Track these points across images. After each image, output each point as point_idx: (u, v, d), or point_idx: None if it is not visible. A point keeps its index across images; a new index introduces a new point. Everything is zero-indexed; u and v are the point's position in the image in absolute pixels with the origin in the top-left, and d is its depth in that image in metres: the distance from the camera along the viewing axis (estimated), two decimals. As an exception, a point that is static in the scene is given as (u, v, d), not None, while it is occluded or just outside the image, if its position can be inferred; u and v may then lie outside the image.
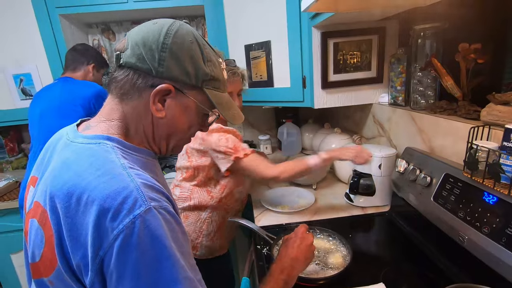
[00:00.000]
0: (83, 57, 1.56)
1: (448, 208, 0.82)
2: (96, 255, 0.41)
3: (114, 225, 0.41)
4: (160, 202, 0.45)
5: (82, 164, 0.46)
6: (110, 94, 0.55)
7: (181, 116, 0.55)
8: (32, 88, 1.76)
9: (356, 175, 1.21)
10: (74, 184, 0.44)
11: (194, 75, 0.53)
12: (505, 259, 0.64)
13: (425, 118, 1.05)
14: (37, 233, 0.47)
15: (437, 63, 0.99)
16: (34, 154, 1.48)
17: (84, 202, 0.42)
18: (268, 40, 1.44)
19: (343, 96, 1.36)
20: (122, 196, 0.42)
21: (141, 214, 0.42)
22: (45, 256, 0.46)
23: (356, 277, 0.81)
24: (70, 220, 0.43)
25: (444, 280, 0.75)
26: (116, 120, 0.53)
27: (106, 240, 0.41)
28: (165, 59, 0.50)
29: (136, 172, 0.47)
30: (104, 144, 0.49)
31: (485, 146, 0.71)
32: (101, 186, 0.43)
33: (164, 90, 0.51)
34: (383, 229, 1.12)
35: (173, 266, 0.43)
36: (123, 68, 0.51)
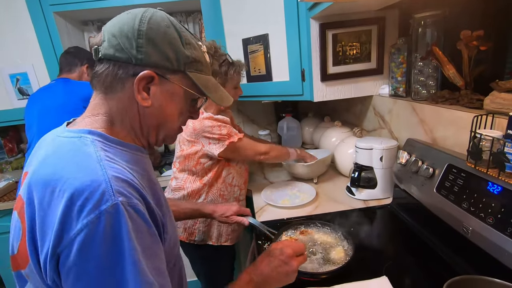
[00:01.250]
0: (76, 59, 1.57)
1: (452, 199, 0.80)
2: (54, 251, 0.40)
3: (79, 219, 0.40)
4: (129, 199, 0.43)
5: (60, 157, 0.46)
6: (94, 90, 0.54)
7: (169, 103, 0.54)
8: (29, 88, 1.75)
9: (357, 168, 1.19)
10: (49, 177, 0.43)
11: (175, 59, 0.52)
12: (510, 249, 0.62)
13: (427, 109, 1.03)
14: (16, 225, 0.48)
15: (438, 51, 0.96)
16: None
17: (56, 194, 0.41)
18: (266, 33, 1.42)
19: (343, 88, 1.34)
20: (90, 189, 0.41)
21: (106, 210, 0.40)
22: (22, 248, 0.46)
23: (359, 271, 0.80)
24: (43, 213, 0.42)
25: (449, 272, 0.74)
26: (100, 115, 0.52)
27: (67, 236, 0.40)
28: (143, 46, 0.49)
29: (111, 165, 0.46)
30: (84, 138, 0.48)
31: (489, 134, 0.69)
32: (72, 178, 0.42)
33: (147, 77, 0.50)
34: (385, 222, 1.10)
35: (133, 269, 0.41)
36: (103, 62, 0.50)
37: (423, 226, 0.96)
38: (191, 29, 1.96)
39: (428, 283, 0.77)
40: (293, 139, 1.89)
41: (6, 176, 1.90)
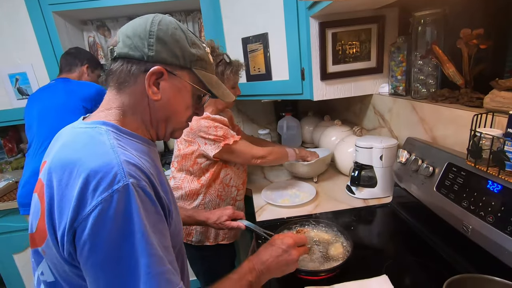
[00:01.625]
0: (77, 59, 1.59)
1: (452, 197, 0.80)
2: (71, 226, 0.44)
3: (94, 197, 0.44)
4: (138, 181, 0.48)
5: (77, 144, 0.51)
6: (108, 88, 0.59)
7: (176, 97, 0.59)
8: (28, 88, 1.75)
9: (358, 167, 1.19)
10: (68, 160, 0.48)
11: (182, 56, 0.58)
12: (510, 247, 0.62)
13: (427, 107, 1.03)
14: (36, 205, 0.52)
15: (438, 50, 0.96)
16: (34, 154, 1.48)
17: (74, 175, 0.46)
18: (266, 32, 1.42)
19: (342, 87, 1.34)
20: (105, 170, 0.45)
21: (119, 189, 0.45)
22: (40, 227, 0.50)
23: (359, 270, 0.80)
24: (61, 192, 0.46)
25: (449, 271, 0.74)
26: (114, 109, 0.57)
27: (83, 212, 0.44)
28: (154, 44, 0.55)
29: (123, 151, 0.50)
30: (99, 128, 0.53)
31: (489, 133, 0.69)
32: (88, 161, 0.46)
33: (157, 72, 0.55)
34: (385, 220, 1.10)
35: (143, 241, 0.45)
36: (117, 60, 0.56)
37: (423, 225, 0.96)
38: (190, 28, 1.96)
39: (428, 281, 0.76)
40: (293, 138, 1.89)
41: (6, 176, 1.90)
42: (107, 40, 1.98)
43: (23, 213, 1.47)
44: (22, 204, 1.47)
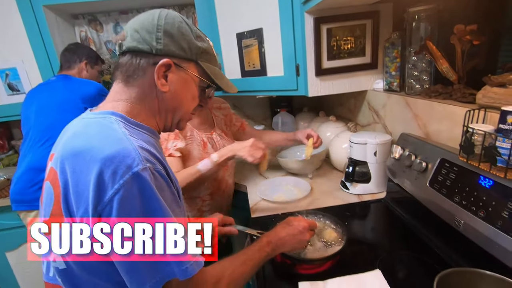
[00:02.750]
0: (75, 55, 1.58)
1: (444, 193, 0.81)
2: (95, 210, 0.46)
3: (114, 181, 0.45)
4: (154, 165, 0.50)
5: (89, 132, 0.53)
6: (115, 81, 0.60)
7: (183, 89, 0.62)
8: (19, 83, 1.71)
9: (352, 163, 1.20)
10: (81, 147, 0.50)
11: (188, 49, 0.60)
12: (501, 242, 0.63)
13: (420, 103, 1.04)
14: (49, 192, 0.53)
15: (432, 46, 0.97)
16: (29, 149, 1.46)
17: (88, 161, 0.47)
18: (260, 28, 1.40)
19: (337, 83, 1.34)
20: (122, 155, 0.47)
21: (138, 172, 0.47)
22: (54, 213, 0.52)
23: (353, 264, 0.81)
24: (76, 177, 0.48)
25: (441, 265, 0.75)
26: (121, 101, 0.59)
27: (105, 195, 0.45)
28: (161, 38, 0.57)
29: (135, 139, 0.52)
30: (109, 117, 0.55)
31: (481, 129, 0.69)
32: (103, 147, 0.48)
33: (165, 64, 0.57)
34: (379, 216, 1.11)
35: (165, 215, 0.49)
36: (126, 54, 0.58)
37: (416, 220, 0.97)
38: (185, 23, 1.93)
39: (420, 275, 0.77)
40: (288, 134, 1.89)
41: (-3, 173, 1.87)
42: (99, 35, 1.95)
43: (15, 209, 1.46)
44: (15, 200, 1.45)
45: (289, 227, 0.78)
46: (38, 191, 1.40)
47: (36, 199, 1.41)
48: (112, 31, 1.96)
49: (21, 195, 1.43)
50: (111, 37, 1.98)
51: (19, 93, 1.73)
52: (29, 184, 1.41)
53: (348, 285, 0.72)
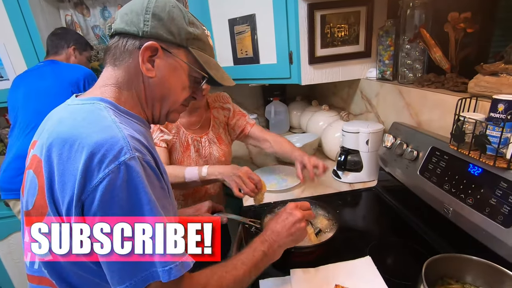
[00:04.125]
0: (63, 41, 1.52)
1: (434, 181, 0.82)
2: (79, 199, 0.44)
3: (100, 169, 0.43)
4: (144, 155, 0.48)
5: (76, 118, 0.50)
6: (105, 66, 0.58)
7: (171, 76, 0.58)
8: (2, 69, 1.65)
9: (344, 152, 1.20)
10: (67, 134, 0.47)
11: (178, 34, 0.57)
12: (488, 228, 0.65)
13: (413, 92, 1.04)
14: (32, 181, 0.51)
15: (426, 34, 0.96)
16: (17, 137, 1.43)
17: (75, 148, 0.45)
18: (253, 14, 1.37)
19: (330, 71, 1.33)
20: (110, 143, 0.45)
21: (125, 161, 0.44)
22: (37, 203, 0.50)
23: (344, 251, 0.82)
24: (62, 167, 0.45)
25: (430, 251, 0.77)
26: (109, 86, 0.56)
27: (90, 184, 0.43)
28: (149, 20, 0.54)
29: (125, 127, 0.49)
30: (97, 104, 0.52)
31: (472, 117, 0.70)
32: (92, 134, 0.46)
33: (151, 47, 0.54)
34: (370, 204, 1.13)
35: (152, 209, 0.46)
36: (114, 36, 0.56)
37: (406, 208, 0.98)
38: (175, 8, 1.88)
39: (409, 261, 0.79)
40: (280, 123, 1.88)
41: (-18, 162, 1.81)
42: (86, 20, 1.88)
43: (4, 198, 1.43)
44: (4, 189, 1.42)
45: (276, 216, 0.72)
46: None
47: None
48: (99, 15, 1.90)
49: (10, 183, 1.40)
50: (98, 21, 1.91)
51: (2, 79, 1.66)
52: (17, 172, 1.38)
53: (339, 271, 0.74)
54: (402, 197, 1.00)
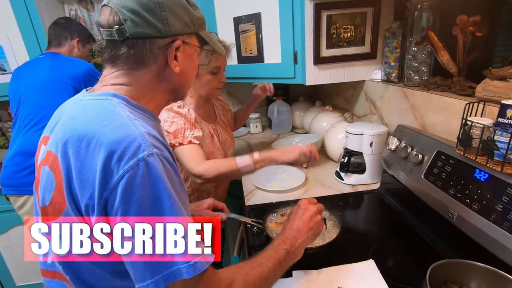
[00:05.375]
0: (66, 32, 1.49)
1: (439, 185, 0.81)
2: (101, 196, 0.44)
3: (119, 166, 0.44)
4: (162, 151, 0.48)
5: (90, 115, 0.50)
6: (111, 66, 0.56)
7: (189, 64, 0.60)
8: (5, 63, 1.64)
9: (347, 153, 1.19)
10: (83, 131, 0.47)
11: (191, 23, 0.57)
12: (494, 235, 0.64)
13: (418, 95, 1.03)
14: (48, 177, 0.51)
15: (433, 36, 0.95)
16: (17, 133, 1.42)
17: (93, 146, 0.45)
18: (258, 12, 1.36)
19: (335, 72, 1.32)
20: (128, 141, 0.45)
21: (144, 158, 0.45)
22: (55, 200, 0.50)
23: (345, 253, 0.81)
24: (80, 164, 0.46)
25: (434, 257, 0.76)
26: (124, 85, 0.55)
27: (111, 181, 0.44)
28: (167, 18, 0.53)
29: (141, 123, 0.49)
30: (111, 100, 0.52)
31: (480, 122, 0.69)
32: (108, 132, 0.46)
33: (177, 46, 0.55)
34: (372, 206, 1.12)
35: (173, 205, 0.46)
36: (130, 40, 0.52)
37: (409, 211, 0.98)
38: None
39: (412, 266, 0.79)
40: (283, 123, 1.87)
41: (-17, 156, 1.81)
42: (90, 14, 1.87)
43: (4, 193, 1.43)
44: (4, 185, 1.42)
45: (292, 214, 0.73)
46: (27, 175, 1.37)
47: (25, 183, 1.38)
48: (103, 10, 1.89)
49: (11, 179, 1.39)
50: (102, 17, 1.90)
51: (5, 73, 1.66)
52: (18, 168, 1.37)
53: (342, 274, 0.73)
54: (405, 200, 1.00)
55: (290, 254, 0.63)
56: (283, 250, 0.63)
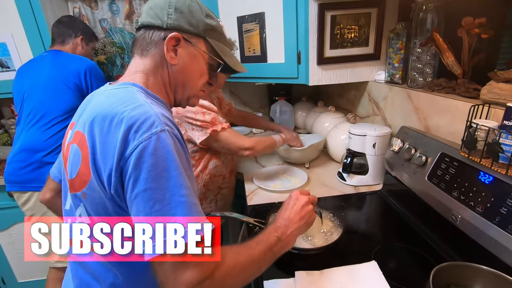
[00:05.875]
0: (70, 29, 1.49)
1: (442, 187, 0.81)
2: (118, 165, 0.50)
3: (135, 138, 0.49)
4: (173, 129, 0.54)
5: (113, 98, 0.56)
6: (133, 56, 0.65)
7: (192, 63, 0.65)
8: (9, 60, 1.64)
9: (350, 154, 1.19)
10: (107, 111, 0.53)
11: (197, 25, 0.64)
12: (498, 238, 0.64)
13: (422, 96, 1.03)
14: (76, 153, 0.56)
15: (439, 38, 0.95)
16: (22, 130, 1.43)
17: (115, 123, 0.51)
18: (262, 12, 1.36)
19: (339, 73, 1.32)
20: (144, 117, 0.51)
21: (157, 132, 0.50)
22: (81, 172, 0.55)
23: (348, 254, 0.81)
24: (104, 139, 0.52)
25: (436, 259, 0.76)
26: (138, 73, 0.63)
27: (126, 151, 0.49)
28: (172, 14, 0.62)
29: (156, 106, 0.56)
30: (130, 88, 0.59)
31: (485, 125, 0.69)
32: (128, 110, 0.52)
33: (174, 38, 0.61)
34: (375, 207, 1.12)
35: (180, 175, 0.50)
36: (141, 29, 0.64)
37: (412, 213, 0.97)
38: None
39: (415, 268, 0.78)
40: (285, 123, 1.87)
41: (-14, 152, 1.82)
42: (94, 12, 1.87)
43: (8, 190, 1.43)
44: (9, 181, 1.42)
45: (283, 205, 0.74)
46: (31, 172, 1.38)
47: (29, 180, 1.38)
48: (107, 8, 1.89)
49: (15, 176, 1.40)
50: (106, 15, 1.91)
51: (9, 70, 1.66)
52: (22, 165, 1.38)
53: (344, 275, 0.73)
54: (408, 202, 1.00)
55: (282, 241, 0.64)
56: (274, 237, 0.64)
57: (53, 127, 1.39)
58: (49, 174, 0.79)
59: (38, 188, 1.39)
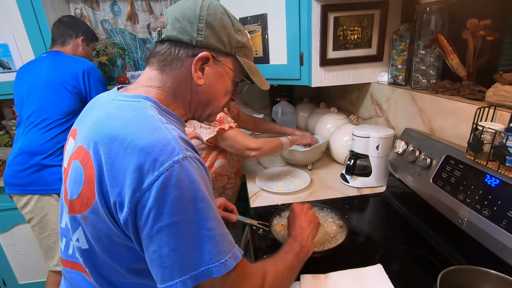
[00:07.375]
0: (71, 30, 1.48)
1: (448, 190, 0.81)
2: (133, 195, 0.45)
3: (155, 168, 0.45)
4: (194, 154, 0.49)
5: (125, 116, 0.51)
6: (148, 66, 0.60)
7: (218, 83, 0.61)
8: (10, 61, 1.64)
9: (353, 156, 1.19)
10: (117, 131, 0.48)
11: (228, 43, 0.59)
12: (505, 241, 0.63)
13: (426, 98, 1.02)
14: (78, 172, 0.51)
15: (443, 39, 0.94)
16: (22, 132, 1.42)
17: (125, 146, 0.46)
18: (265, 13, 1.36)
19: (341, 74, 1.31)
20: (162, 143, 0.46)
21: (179, 160, 0.46)
22: (83, 194, 0.51)
23: (352, 257, 0.81)
24: (111, 161, 0.47)
25: (442, 262, 0.76)
26: (154, 87, 0.58)
27: (145, 182, 0.45)
28: (203, 29, 0.56)
29: (173, 127, 0.51)
30: (143, 102, 0.53)
31: (491, 127, 0.68)
32: (143, 134, 0.47)
33: (204, 57, 0.56)
34: (378, 209, 1.11)
35: (206, 207, 0.47)
36: (165, 42, 0.57)
37: (416, 215, 0.97)
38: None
39: (420, 272, 0.78)
40: (287, 124, 1.86)
41: (-13, 153, 1.82)
42: (95, 14, 1.87)
43: (8, 192, 1.42)
44: (8, 184, 1.41)
45: (296, 216, 0.79)
46: (30, 175, 1.37)
47: (28, 183, 1.37)
48: (109, 9, 1.89)
49: (14, 178, 1.39)
50: (107, 16, 1.90)
51: (11, 71, 1.66)
52: (21, 168, 1.37)
53: (350, 278, 0.72)
54: (412, 204, 0.99)
55: (304, 247, 0.69)
56: (297, 245, 0.68)
57: (52, 129, 1.38)
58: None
59: (37, 191, 1.38)
